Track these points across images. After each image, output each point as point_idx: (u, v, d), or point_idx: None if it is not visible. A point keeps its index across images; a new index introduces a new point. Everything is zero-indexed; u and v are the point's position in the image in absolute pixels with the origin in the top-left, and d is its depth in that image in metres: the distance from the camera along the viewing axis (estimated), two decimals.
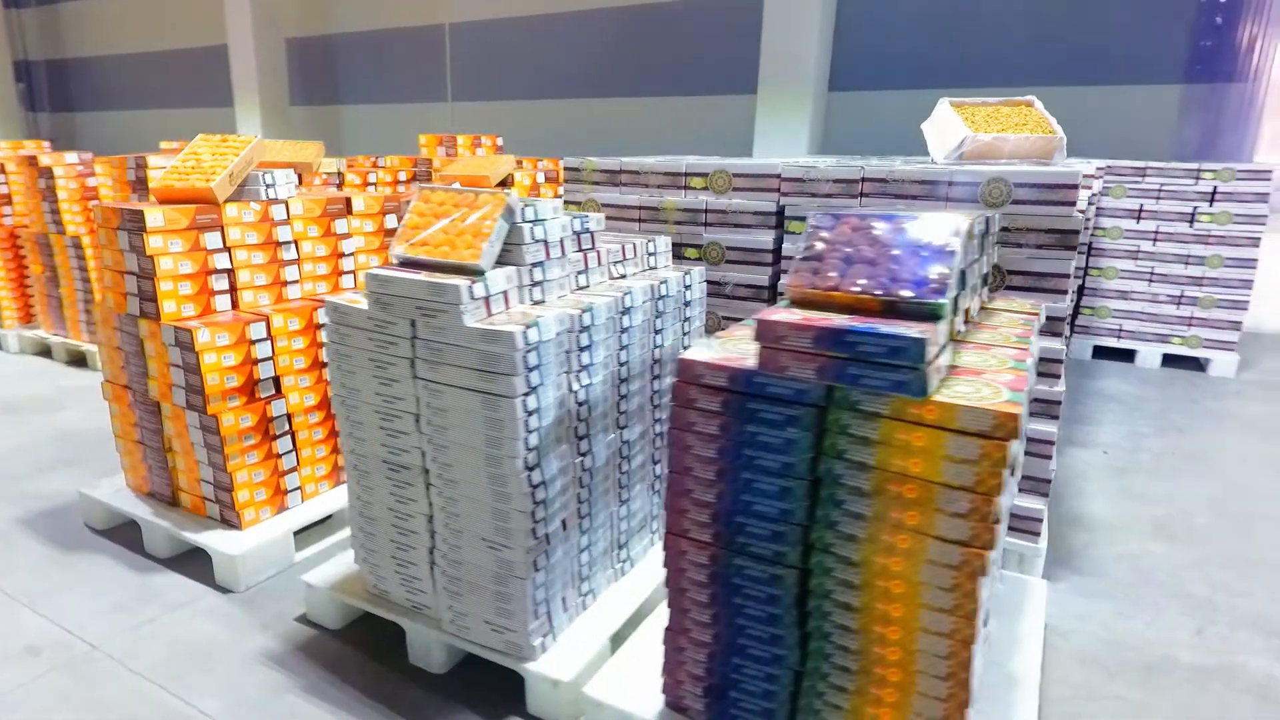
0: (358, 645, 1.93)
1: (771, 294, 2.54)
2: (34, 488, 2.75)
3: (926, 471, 1.17)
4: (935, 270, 1.23)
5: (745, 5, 6.46)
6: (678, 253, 2.63)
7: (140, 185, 3.75)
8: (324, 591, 1.96)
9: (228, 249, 2.27)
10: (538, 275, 1.71)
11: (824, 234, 1.36)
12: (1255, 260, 4.31)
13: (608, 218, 2.72)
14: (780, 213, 2.48)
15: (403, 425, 1.69)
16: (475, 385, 1.55)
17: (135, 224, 2.11)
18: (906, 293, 1.22)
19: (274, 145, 3.53)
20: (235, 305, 2.31)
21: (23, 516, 2.54)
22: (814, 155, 5.74)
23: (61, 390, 3.81)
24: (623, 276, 2.03)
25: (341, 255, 2.59)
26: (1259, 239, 4.30)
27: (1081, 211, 2.11)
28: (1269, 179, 4.23)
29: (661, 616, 1.50)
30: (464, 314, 1.52)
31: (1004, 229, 2.14)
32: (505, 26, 7.67)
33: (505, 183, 3.45)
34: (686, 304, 2.14)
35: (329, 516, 2.42)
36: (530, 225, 1.67)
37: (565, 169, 2.79)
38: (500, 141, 4.72)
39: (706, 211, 2.56)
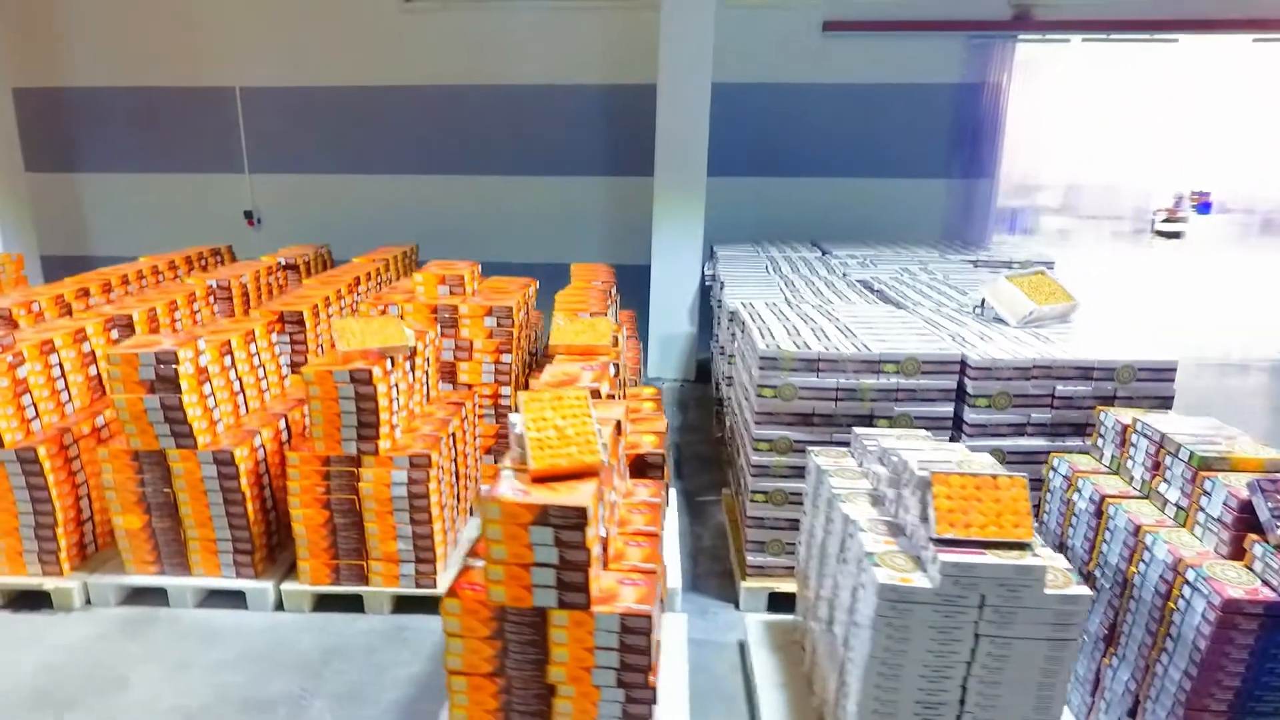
0: None
1: None
2: None
3: None
4: None
5: (583, 93, 6.88)
6: (871, 423, 3.14)
7: (168, 384, 3.13)
8: None
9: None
10: None
11: (1277, 496, 2.06)
12: None
13: (806, 399, 3.13)
14: (960, 389, 3.13)
15: (949, 672, 2.03)
16: (1047, 635, 1.97)
17: (572, 519, 2.03)
18: None
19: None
20: (605, 565, 2.30)
21: None
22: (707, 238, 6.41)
23: (67, 654, 2.98)
24: None
25: None
26: None
27: None
28: (1054, 266, 5.95)
29: None
30: (1046, 586, 1.94)
31: (1127, 398, 3.06)
32: (317, 95, 7.01)
33: (615, 342, 3.53)
34: None
35: None
36: None
37: (762, 358, 3.10)
38: (479, 270, 4.55)
39: (898, 390, 3.11)
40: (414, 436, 3.31)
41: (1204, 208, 10.91)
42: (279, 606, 3.32)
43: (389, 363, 3.23)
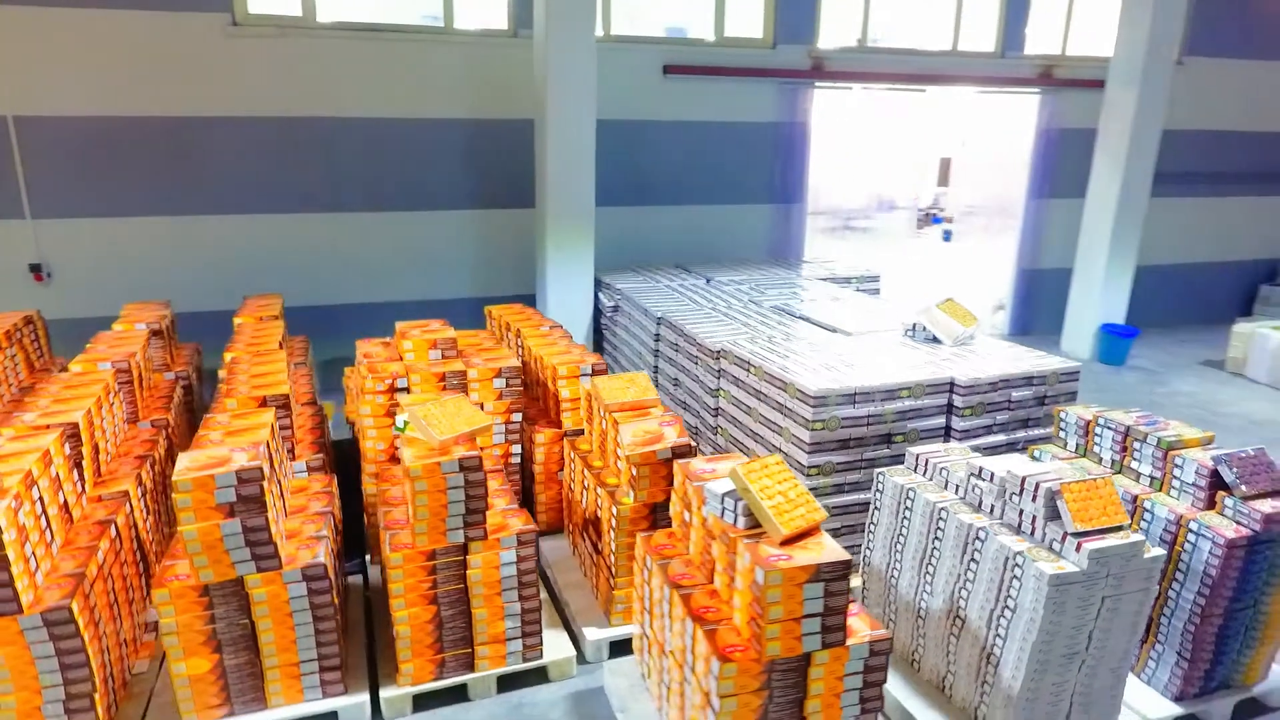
0: None
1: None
2: None
3: None
4: None
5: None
6: (889, 439, 3.80)
7: (251, 504, 2.84)
8: None
9: None
10: None
11: (1236, 464, 3.03)
12: None
13: (846, 427, 3.69)
14: (950, 405, 3.90)
15: (1083, 628, 2.72)
16: (1142, 587, 2.74)
17: (839, 571, 2.36)
18: None
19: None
20: None
21: None
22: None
23: None
24: None
25: None
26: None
27: None
28: (879, 281, 7.17)
29: None
30: (1147, 554, 2.70)
31: (1054, 396, 4.07)
32: (123, 126, 6.01)
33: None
34: None
35: None
36: None
37: (815, 398, 3.58)
38: (451, 332, 4.36)
39: (909, 410, 3.79)
40: (496, 513, 3.29)
41: (886, 207, 13.52)
42: (375, 716, 3.11)
43: (475, 443, 3.18)
